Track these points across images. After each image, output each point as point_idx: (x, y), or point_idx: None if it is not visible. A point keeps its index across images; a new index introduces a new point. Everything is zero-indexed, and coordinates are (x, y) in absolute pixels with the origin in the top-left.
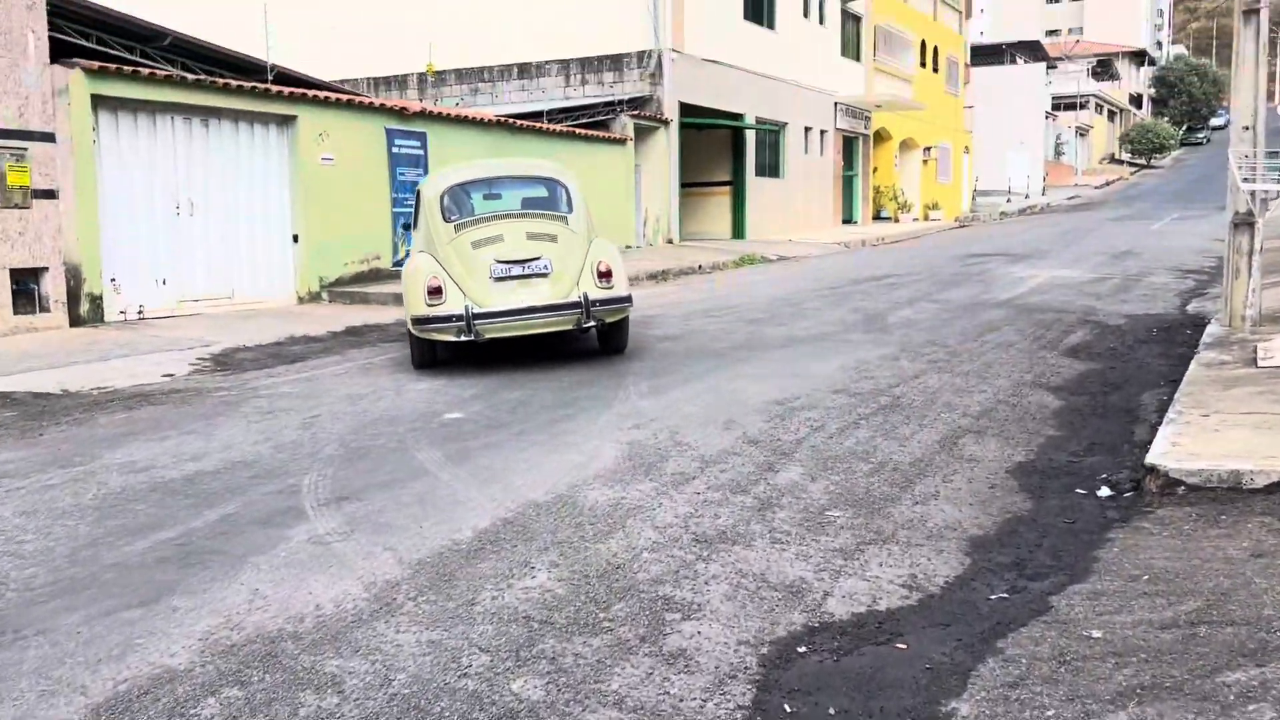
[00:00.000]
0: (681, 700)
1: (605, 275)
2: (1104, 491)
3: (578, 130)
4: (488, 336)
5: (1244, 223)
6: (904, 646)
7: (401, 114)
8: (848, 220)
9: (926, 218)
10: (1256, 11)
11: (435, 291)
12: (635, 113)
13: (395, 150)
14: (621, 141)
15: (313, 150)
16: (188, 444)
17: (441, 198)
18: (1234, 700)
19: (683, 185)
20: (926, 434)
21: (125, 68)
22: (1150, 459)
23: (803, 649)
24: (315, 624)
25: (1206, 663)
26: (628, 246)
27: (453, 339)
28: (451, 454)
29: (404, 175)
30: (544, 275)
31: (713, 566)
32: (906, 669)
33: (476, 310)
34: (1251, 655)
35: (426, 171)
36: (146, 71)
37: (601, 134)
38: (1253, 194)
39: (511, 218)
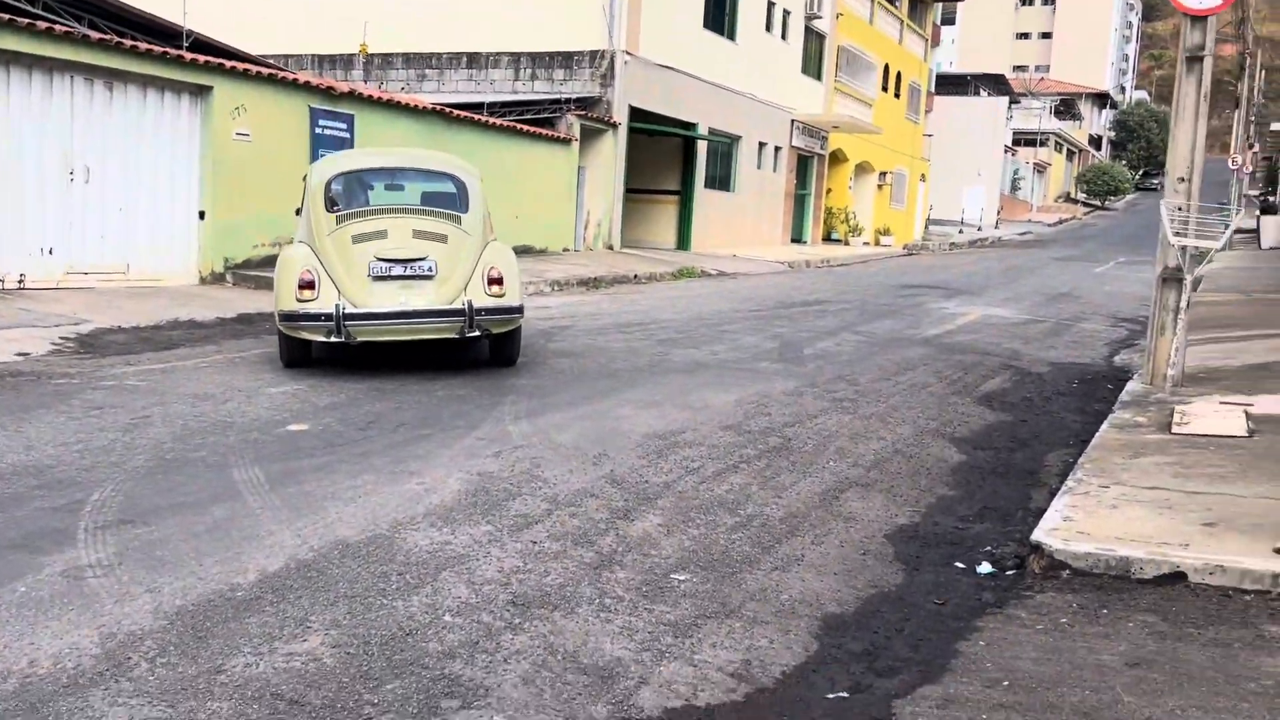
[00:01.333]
0: None
1: (496, 282)
2: (984, 568)
3: (520, 126)
4: (360, 339)
5: (1172, 278)
6: None
7: (328, 93)
8: (797, 239)
9: (878, 243)
10: (1200, 60)
11: (307, 286)
12: (583, 113)
13: (319, 131)
14: (566, 141)
15: (227, 125)
16: None
17: (328, 185)
18: None
19: (630, 191)
20: (809, 484)
21: (18, 19)
22: (1036, 535)
23: None
24: (18, 686)
25: None
26: (565, 249)
27: (322, 339)
28: (274, 475)
29: None
30: (428, 277)
31: (520, 638)
32: None
33: (349, 310)
34: None
35: None
36: (44, 26)
37: (546, 132)
38: (1183, 249)
39: (398, 213)
